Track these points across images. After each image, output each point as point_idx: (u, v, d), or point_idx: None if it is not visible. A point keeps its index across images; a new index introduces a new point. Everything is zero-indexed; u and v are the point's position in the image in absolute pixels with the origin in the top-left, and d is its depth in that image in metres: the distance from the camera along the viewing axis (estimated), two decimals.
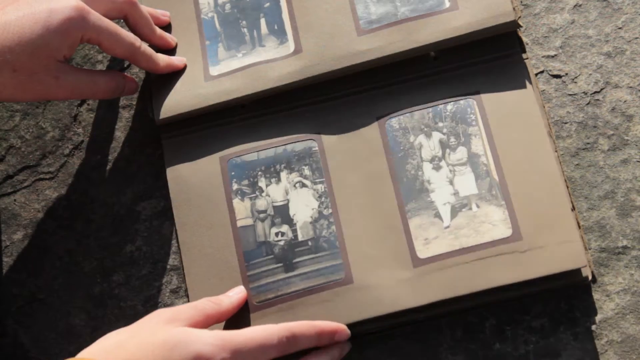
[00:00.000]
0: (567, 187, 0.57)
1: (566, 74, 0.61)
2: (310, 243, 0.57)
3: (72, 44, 0.54)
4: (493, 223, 0.55)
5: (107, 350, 0.47)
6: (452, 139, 0.58)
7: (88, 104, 0.65)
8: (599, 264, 0.56)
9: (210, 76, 0.61)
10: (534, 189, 0.56)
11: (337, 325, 0.54)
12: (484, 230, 0.55)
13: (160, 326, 0.49)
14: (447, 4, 0.59)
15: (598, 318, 0.55)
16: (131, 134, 0.64)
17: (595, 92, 0.60)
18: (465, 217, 0.56)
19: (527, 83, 0.59)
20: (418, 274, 0.55)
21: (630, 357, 0.54)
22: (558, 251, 0.54)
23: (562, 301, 0.56)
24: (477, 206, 0.56)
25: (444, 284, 0.54)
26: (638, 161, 0.58)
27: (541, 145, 0.57)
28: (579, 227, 0.56)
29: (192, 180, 0.60)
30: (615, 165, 0.58)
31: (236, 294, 0.55)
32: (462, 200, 0.56)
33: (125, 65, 0.65)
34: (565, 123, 0.60)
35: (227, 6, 0.63)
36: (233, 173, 0.59)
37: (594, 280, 0.56)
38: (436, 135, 0.58)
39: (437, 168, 0.58)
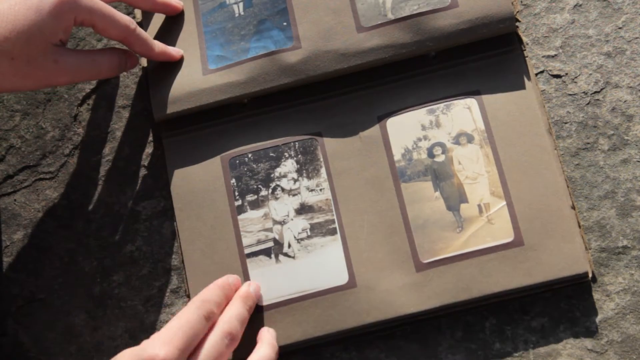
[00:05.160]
0: (568, 186, 0.57)
1: (566, 73, 0.61)
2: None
3: (66, 26, 0.54)
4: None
5: None
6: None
7: (88, 104, 0.65)
8: (599, 264, 0.56)
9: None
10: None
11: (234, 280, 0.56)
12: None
13: None
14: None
15: (598, 318, 0.55)
16: (131, 134, 0.64)
17: (596, 92, 0.60)
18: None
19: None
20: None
21: (631, 357, 0.54)
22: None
23: (562, 301, 0.56)
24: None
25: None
26: (638, 161, 0.58)
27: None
28: (579, 227, 0.56)
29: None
30: (616, 165, 0.58)
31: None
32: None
33: None
34: (566, 123, 0.60)
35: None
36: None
37: (594, 279, 0.56)
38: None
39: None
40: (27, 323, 0.60)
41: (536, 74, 0.61)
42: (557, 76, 0.61)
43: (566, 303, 0.56)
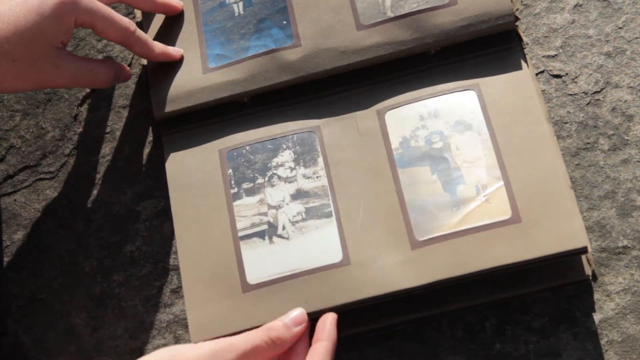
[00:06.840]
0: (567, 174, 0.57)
1: (566, 73, 0.61)
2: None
3: (67, 28, 0.55)
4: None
5: None
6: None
7: (88, 104, 0.65)
8: (599, 264, 0.56)
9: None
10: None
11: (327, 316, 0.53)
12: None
13: None
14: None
15: (598, 318, 0.55)
16: (131, 134, 0.64)
17: (596, 92, 0.60)
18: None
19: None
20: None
21: (631, 357, 0.54)
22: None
23: (562, 301, 0.56)
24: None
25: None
26: (638, 161, 0.58)
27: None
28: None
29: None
30: (616, 165, 0.58)
31: (298, 325, 0.53)
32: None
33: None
34: (566, 123, 0.60)
35: None
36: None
37: (595, 279, 0.56)
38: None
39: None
40: (27, 323, 0.60)
41: (536, 74, 0.61)
42: (557, 76, 0.61)
43: (566, 303, 0.56)
